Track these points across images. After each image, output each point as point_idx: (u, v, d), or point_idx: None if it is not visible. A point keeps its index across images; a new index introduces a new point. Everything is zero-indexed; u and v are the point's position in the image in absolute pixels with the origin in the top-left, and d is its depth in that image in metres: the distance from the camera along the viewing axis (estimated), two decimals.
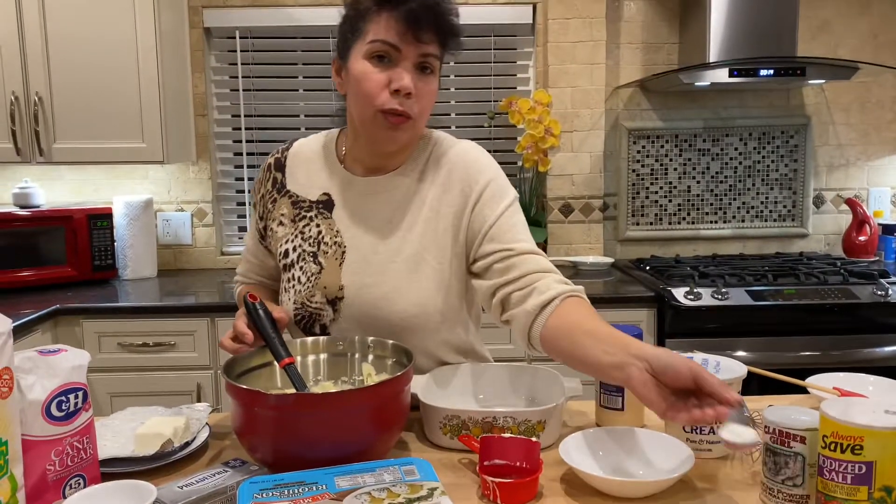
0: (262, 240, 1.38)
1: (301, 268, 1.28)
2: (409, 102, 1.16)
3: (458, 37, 1.19)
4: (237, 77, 2.96)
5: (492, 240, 1.22)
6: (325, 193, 1.30)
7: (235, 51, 2.95)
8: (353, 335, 1.22)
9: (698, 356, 1.14)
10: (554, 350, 1.12)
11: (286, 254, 1.30)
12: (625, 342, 0.99)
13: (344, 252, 1.26)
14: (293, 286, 1.29)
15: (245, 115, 2.98)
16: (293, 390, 1.14)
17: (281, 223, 1.32)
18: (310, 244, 1.28)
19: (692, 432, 1.06)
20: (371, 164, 1.28)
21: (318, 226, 1.29)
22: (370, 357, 1.20)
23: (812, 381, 1.23)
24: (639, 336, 1.17)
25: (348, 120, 1.27)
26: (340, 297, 1.26)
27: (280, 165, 1.34)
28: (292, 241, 1.30)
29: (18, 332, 2.13)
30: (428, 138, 1.31)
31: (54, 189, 2.94)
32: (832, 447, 0.82)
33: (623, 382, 0.96)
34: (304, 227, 1.30)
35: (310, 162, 1.33)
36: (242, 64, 2.95)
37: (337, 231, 1.27)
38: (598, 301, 2.40)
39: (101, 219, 2.70)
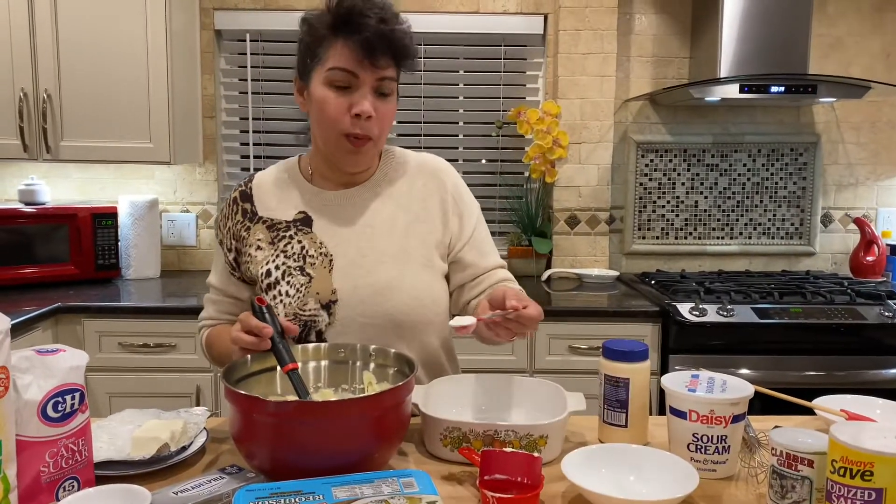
0: (233, 271, 1.37)
1: (288, 282, 1.29)
2: (368, 125, 1.23)
3: (411, 58, 1.26)
4: (246, 80, 2.96)
5: (466, 256, 1.36)
6: (300, 212, 1.33)
7: (245, 53, 2.95)
8: (354, 343, 1.21)
9: (704, 374, 1.12)
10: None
11: (268, 273, 1.30)
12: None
13: (332, 260, 1.29)
14: (281, 301, 1.29)
15: (253, 118, 2.98)
16: (293, 397, 1.13)
17: (259, 248, 1.32)
18: (294, 260, 1.30)
19: (696, 451, 1.04)
20: (340, 181, 1.34)
21: (299, 242, 1.30)
22: (371, 365, 1.19)
23: (819, 402, 1.22)
24: (644, 352, 1.16)
25: (313, 141, 1.33)
26: (334, 301, 1.27)
27: (246, 196, 1.36)
28: (273, 260, 1.30)
29: (19, 330, 2.12)
30: (390, 153, 1.40)
31: (60, 187, 2.94)
32: (841, 472, 0.80)
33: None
34: (284, 245, 1.31)
35: (277, 187, 1.36)
36: (252, 67, 2.95)
37: (321, 243, 1.30)
38: (601, 314, 2.39)
39: (105, 218, 2.69)
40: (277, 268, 1.30)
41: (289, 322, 1.18)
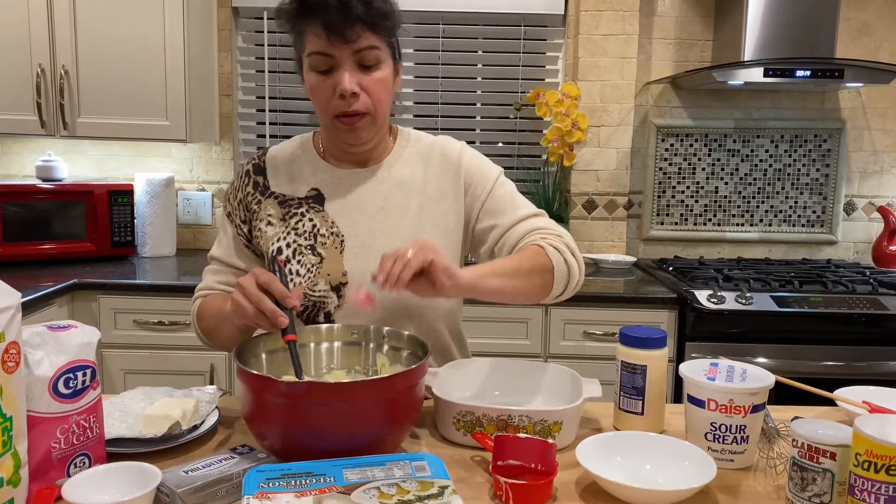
0: (248, 244, 1.35)
1: (299, 261, 1.27)
2: (356, 102, 1.19)
3: (388, 20, 1.20)
4: (263, 58, 2.94)
5: (487, 217, 1.31)
6: (313, 189, 1.31)
7: (263, 31, 2.93)
8: (367, 324, 1.20)
9: (724, 363, 1.10)
10: None
11: (279, 251, 1.29)
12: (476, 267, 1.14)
13: (343, 241, 1.27)
14: (291, 280, 1.27)
15: (270, 97, 2.96)
16: (307, 377, 1.12)
17: (269, 223, 1.31)
18: (305, 238, 1.28)
19: (714, 441, 1.02)
20: (353, 160, 1.32)
21: (311, 220, 1.29)
22: (385, 347, 1.17)
23: (840, 393, 1.19)
24: (662, 339, 1.14)
25: (319, 121, 1.31)
26: (345, 283, 1.26)
27: (260, 169, 1.34)
28: (284, 237, 1.29)
29: (36, 305, 2.13)
30: (406, 134, 1.37)
31: (77, 163, 2.95)
32: (865, 466, 0.78)
33: None
34: (295, 223, 1.29)
35: (291, 163, 1.34)
36: (269, 45, 2.93)
37: (332, 222, 1.28)
38: (617, 300, 2.36)
39: (122, 195, 2.69)
40: (288, 245, 1.28)
41: (297, 292, 1.12)
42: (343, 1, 1.14)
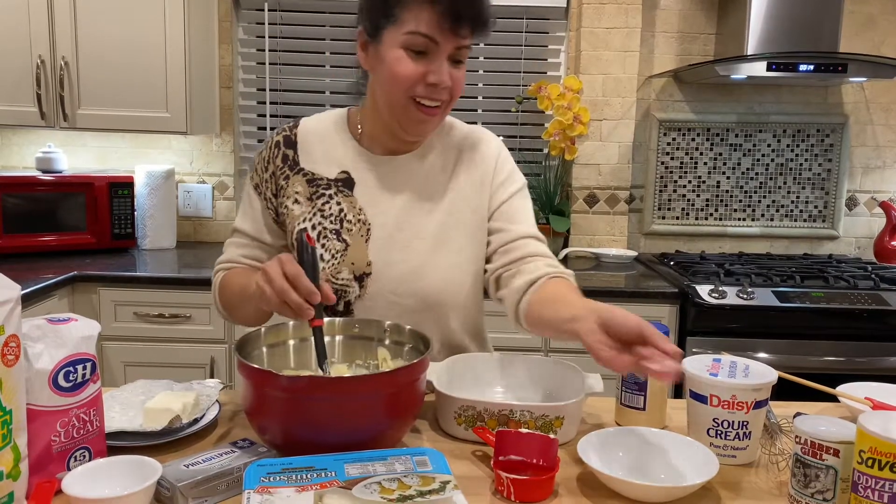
0: (276, 218, 1.31)
1: (323, 245, 1.26)
2: (443, 93, 1.17)
3: (491, 26, 1.19)
4: (264, 50, 2.93)
5: (500, 219, 1.30)
6: (343, 171, 1.28)
7: (263, 23, 2.92)
8: (369, 318, 1.19)
9: (726, 358, 1.10)
10: (533, 324, 1.19)
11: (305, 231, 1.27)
12: (584, 302, 1.05)
13: (369, 229, 1.25)
14: (322, 260, 1.25)
15: (270, 89, 2.95)
16: (307, 371, 1.12)
17: (296, 201, 1.28)
18: (331, 222, 1.26)
19: (717, 437, 1.02)
20: (390, 146, 1.28)
21: (338, 203, 1.26)
22: (386, 341, 1.17)
23: (843, 389, 1.19)
24: (665, 334, 1.14)
25: (370, 100, 1.26)
26: (368, 273, 1.24)
27: (290, 142, 1.30)
28: (311, 219, 1.27)
29: (36, 297, 2.13)
30: (443, 123, 1.33)
31: (77, 155, 2.94)
32: (869, 463, 0.78)
33: (572, 334, 1.01)
34: (322, 204, 1.27)
35: (323, 139, 1.30)
36: (270, 37, 2.92)
37: (360, 209, 1.26)
38: (619, 295, 2.35)
39: (122, 187, 2.69)
40: (314, 227, 1.26)
41: (328, 286, 1.06)
42: (468, 0, 1.13)
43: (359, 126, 1.30)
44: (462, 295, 1.28)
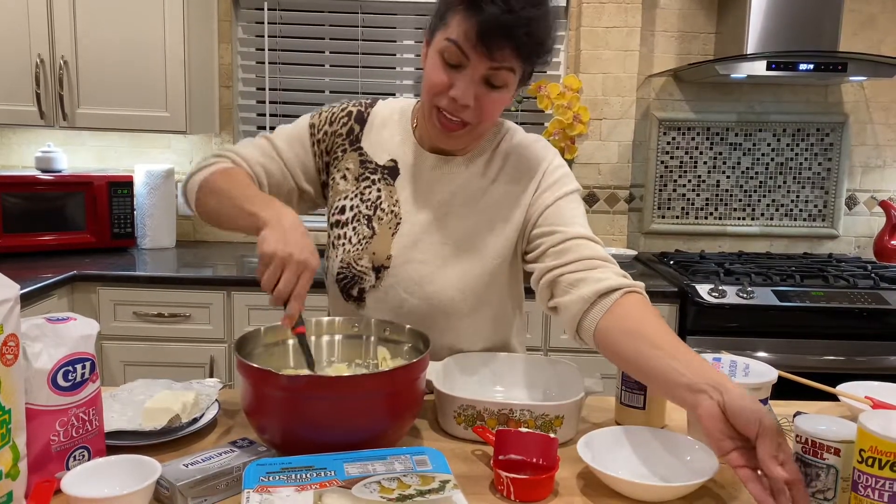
0: (320, 174, 1.29)
1: (354, 228, 1.25)
2: (465, 112, 1.12)
3: (543, 54, 1.11)
4: (264, 49, 2.93)
5: (547, 223, 1.20)
6: (392, 160, 1.27)
7: (263, 22, 2.91)
8: (369, 317, 1.19)
9: (726, 357, 1.10)
10: (609, 349, 1.07)
11: (342, 210, 1.27)
12: (699, 365, 0.93)
13: (399, 223, 1.24)
14: (343, 244, 1.25)
15: (270, 89, 2.95)
16: (306, 371, 1.11)
17: (344, 177, 1.27)
18: (367, 206, 1.26)
19: None
20: (438, 146, 1.24)
21: (378, 190, 1.26)
22: (386, 340, 1.17)
23: (843, 388, 1.18)
24: None
25: (421, 95, 1.23)
26: (386, 266, 1.24)
27: (361, 119, 1.29)
28: (351, 199, 1.26)
29: (35, 297, 2.13)
30: (500, 126, 1.29)
31: (77, 154, 2.94)
32: (869, 462, 0.78)
33: (690, 407, 0.92)
34: (364, 188, 1.27)
35: (386, 125, 1.29)
36: (269, 36, 2.92)
37: (396, 200, 1.25)
38: None
39: (121, 186, 2.69)
40: (351, 209, 1.26)
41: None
42: (508, 19, 1.04)
43: (415, 120, 1.29)
44: (470, 307, 1.24)
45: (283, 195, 1.26)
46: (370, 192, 1.26)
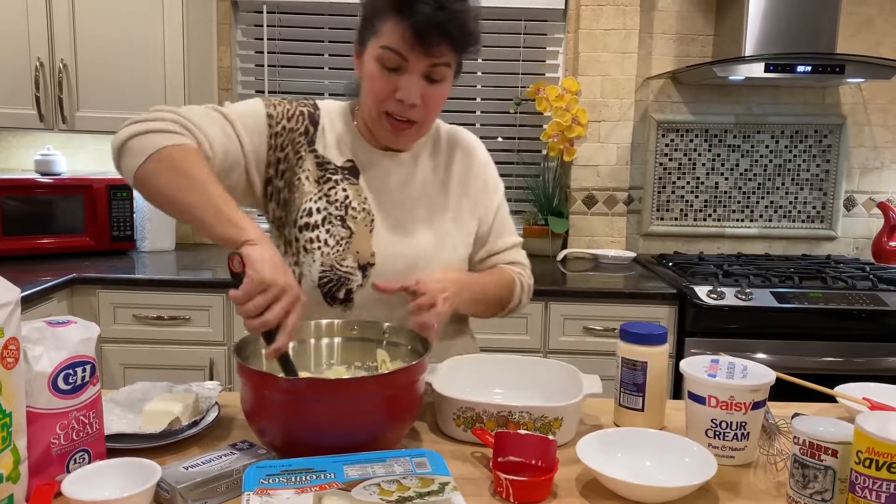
0: (269, 167, 1.24)
1: (328, 230, 1.25)
2: (413, 111, 1.19)
3: (473, 44, 1.19)
4: (263, 52, 2.93)
5: (489, 237, 1.38)
6: (349, 160, 1.29)
7: (262, 25, 2.92)
8: (367, 320, 1.20)
9: (724, 359, 1.10)
10: None
11: (309, 213, 1.26)
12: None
13: (373, 220, 1.27)
14: (318, 248, 1.25)
15: (269, 91, 2.95)
16: (305, 372, 1.12)
17: (308, 178, 1.27)
18: (336, 208, 1.26)
19: (715, 438, 1.02)
20: (384, 145, 1.30)
21: (344, 190, 1.27)
22: (385, 343, 1.17)
23: (840, 390, 1.19)
24: (663, 335, 1.14)
25: (361, 102, 1.28)
26: (371, 264, 1.25)
27: (314, 120, 1.30)
28: (317, 201, 1.26)
29: (35, 300, 2.13)
30: (437, 124, 1.38)
31: (76, 158, 2.94)
32: (867, 463, 0.78)
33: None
34: (329, 189, 1.27)
35: (334, 126, 1.31)
36: (268, 39, 2.92)
37: (365, 198, 1.27)
38: (618, 296, 2.36)
39: (121, 189, 2.69)
40: (318, 211, 1.25)
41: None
42: (441, 16, 1.11)
43: (355, 121, 1.32)
44: None
45: (225, 183, 1.15)
46: (336, 193, 1.27)
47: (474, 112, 3.00)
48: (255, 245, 1.01)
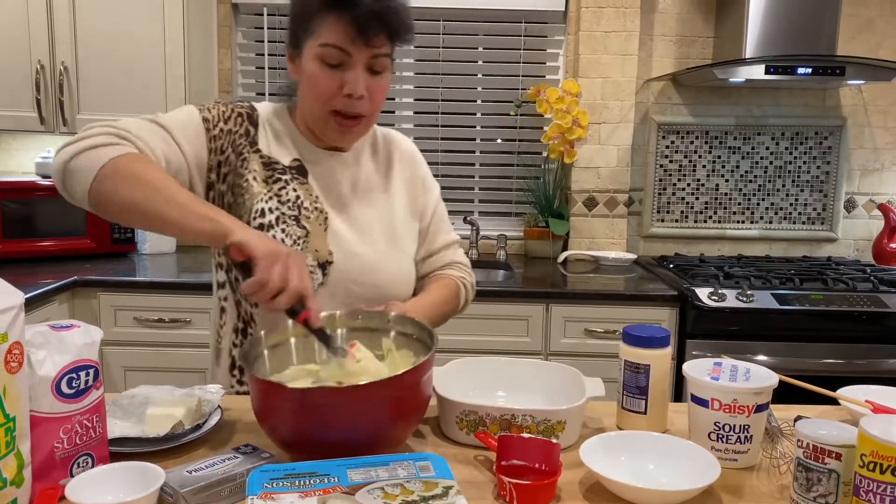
0: (210, 172, 1.23)
1: (283, 230, 1.25)
2: (361, 104, 1.20)
3: (409, 32, 1.21)
4: (263, 54, 2.93)
5: (427, 236, 1.41)
6: (296, 159, 1.30)
7: (262, 27, 2.92)
8: (372, 309, 1.19)
9: (727, 362, 1.10)
10: None
11: (262, 213, 1.24)
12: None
13: (327, 218, 1.28)
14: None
15: (269, 94, 2.95)
16: (312, 365, 1.11)
17: (255, 179, 1.26)
18: (289, 208, 1.26)
19: (718, 441, 1.02)
20: (327, 145, 1.32)
21: (294, 190, 1.27)
22: (391, 333, 1.15)
23: (843, 392, 1.19)
24: (666, 338, 1.14)
25: (300, 105, 1.28)
26: (330, 262, 1.26)
27: (253, 121, 1.29)
28: (268, 201, 1.25)
29: (36, 303, 2.13)
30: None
31: None
32: (871, 467, 0.78)
33: None
34: (279, 189, 1.27)
35: (275, 126, 1.31)
36: (269, 41, 2.92)
37: (316, 197, 1.28)
38: (618, 298, 2.36)
39: None
40: (271, 210, 1.25)
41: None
42: (379, 7, 1.14)
43: (297, 123, 1.32)
44: (411, 285, 1.37)
45: None
46: (287, 193, 1.27)
47: (475, 114, 3.00)
48: (241, 229, 1.02)
